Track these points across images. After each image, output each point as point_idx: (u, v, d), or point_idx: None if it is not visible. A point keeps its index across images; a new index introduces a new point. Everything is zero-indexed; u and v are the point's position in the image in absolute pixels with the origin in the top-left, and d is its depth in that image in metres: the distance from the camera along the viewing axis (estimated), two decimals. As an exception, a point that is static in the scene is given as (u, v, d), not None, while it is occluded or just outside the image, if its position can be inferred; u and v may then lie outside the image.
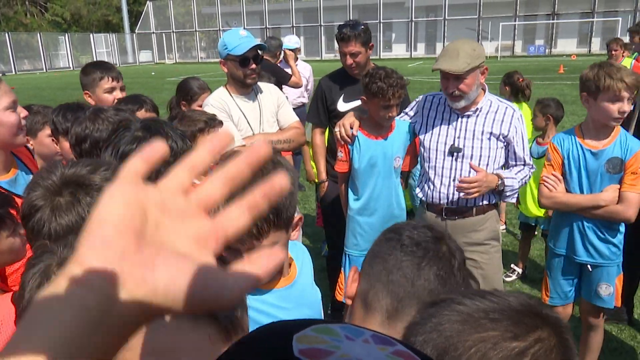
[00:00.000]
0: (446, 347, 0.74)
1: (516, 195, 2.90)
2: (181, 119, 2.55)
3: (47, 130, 2.66)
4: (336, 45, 3.59)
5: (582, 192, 2.78)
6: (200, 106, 3.61)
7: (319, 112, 3.67)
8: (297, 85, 5.94)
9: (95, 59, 42.15)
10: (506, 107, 2.81)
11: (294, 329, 0.44)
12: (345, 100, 3.54)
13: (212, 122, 2.54)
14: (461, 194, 2.76)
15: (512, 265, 4.54)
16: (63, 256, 0.92)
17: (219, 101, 3.07)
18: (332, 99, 3.59)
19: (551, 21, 38.02)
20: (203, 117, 2.53)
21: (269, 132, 3.13)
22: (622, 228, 2.80)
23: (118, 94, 3.02)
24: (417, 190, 3.03)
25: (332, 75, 3.70)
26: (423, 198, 2.97)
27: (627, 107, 2.58)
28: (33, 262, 0.95)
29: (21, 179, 2.04)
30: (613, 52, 7.41)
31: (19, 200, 1.90)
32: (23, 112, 1.99)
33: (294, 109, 6.13)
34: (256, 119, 3.10)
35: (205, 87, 3.65)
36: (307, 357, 0.40)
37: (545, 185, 2.85)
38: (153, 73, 30.98)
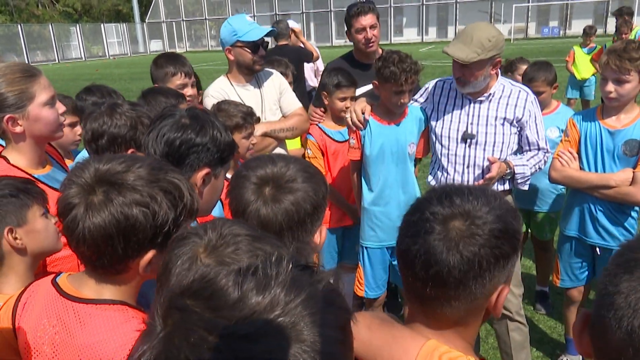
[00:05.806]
0: None
1: (528, 182, 2.84)
2: (217, 110, 2.50)
3: (67, 120, 2.68)
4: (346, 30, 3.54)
5: (595, 171, 2.75)
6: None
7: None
8: (317, 58, 6.15)
9: (106, 49, 42.19)
10: (519, 91, 2.76)
11: None
12: None
13: (250, 119, 2.54)
14: (477, 182, 2.72)
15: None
16: (211, 242, 0.95)
17: (219, 91, 3.03)
18: None
19: (565, 1, 37.19)
20: (240, 113, 2.50)
21: (271, 121, 3.09)
22: (635, 213, 2.76)
23: (189, 91, 2.96)
24: (430, 177, 3.00)
25: (339, 61, 3.65)
26: (436, 186, 2.92)
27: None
28: (179, 243, 0.96)
29: (57, 175, 2.05)
30: (624, 36, 7.53)
31: (56, 195, 1.93)
32: (61, 108, 1.99)
33: (303, 92, 6.10)
34: (258, 107, 3.03)
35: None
36: None
37: (558, 160, 2.83)
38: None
